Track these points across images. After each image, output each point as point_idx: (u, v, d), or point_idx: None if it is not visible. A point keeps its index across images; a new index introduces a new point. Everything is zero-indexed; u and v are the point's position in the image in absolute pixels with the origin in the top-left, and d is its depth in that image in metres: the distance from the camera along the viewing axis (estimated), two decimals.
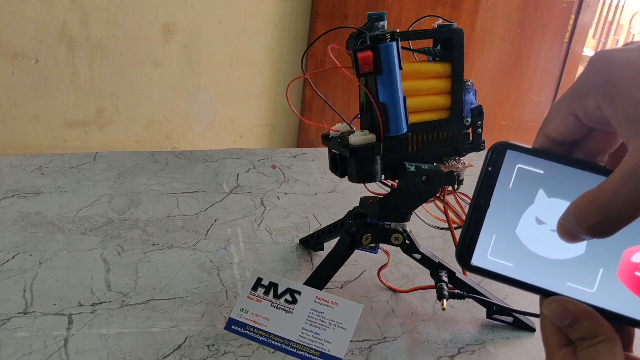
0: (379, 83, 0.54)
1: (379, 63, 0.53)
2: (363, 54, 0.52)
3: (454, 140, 0.60)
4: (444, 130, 0.59)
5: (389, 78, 0.53)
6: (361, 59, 0.52)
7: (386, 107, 0.55)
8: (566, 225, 0.29)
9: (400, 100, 0.55)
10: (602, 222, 0.27)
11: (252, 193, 0.89)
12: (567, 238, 0.29)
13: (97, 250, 0.71)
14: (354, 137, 0.55)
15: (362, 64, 0.52)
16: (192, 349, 0.57)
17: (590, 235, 0.28)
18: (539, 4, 2.24)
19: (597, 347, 0.29)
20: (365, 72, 0.52)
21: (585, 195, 0.28)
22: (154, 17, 1.94)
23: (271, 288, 0.61)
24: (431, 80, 0.59)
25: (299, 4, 2.06)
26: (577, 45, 2.37)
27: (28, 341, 0.55)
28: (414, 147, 0.58)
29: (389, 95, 0.54)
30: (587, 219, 0.27)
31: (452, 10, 2.15)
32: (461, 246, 0.33)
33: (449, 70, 0.59)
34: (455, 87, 0.59)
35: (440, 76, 0.59)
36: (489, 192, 0.32)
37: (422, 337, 0.62)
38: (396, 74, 0.54)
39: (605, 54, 0.28)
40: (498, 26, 2.24)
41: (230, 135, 2.20)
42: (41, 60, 1.89)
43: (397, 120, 0.55)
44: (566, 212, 0.29)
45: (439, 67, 0.59)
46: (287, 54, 2.13)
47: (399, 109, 0.55)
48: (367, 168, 0.55)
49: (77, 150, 2.05)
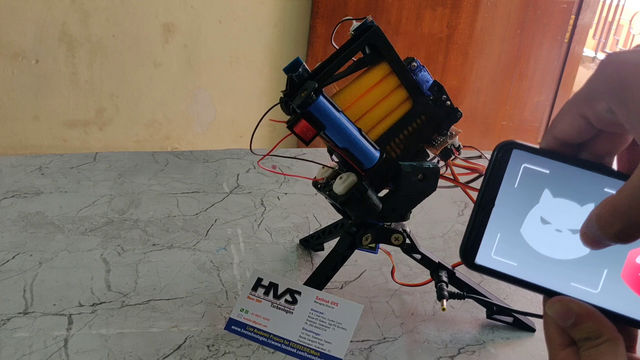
0: (329, 135, 0.54)
1: (317, 122, 0.52)
2: (298, 126, 0.51)
3: (430, 122, 0.59)
4: (415, 119, 0.58)
5: (335, 127, 0.53)
6: (300, 132, 0.51)
7: (348, 150, 0.55)
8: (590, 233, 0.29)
9: (357, 138, 0.54)
10: (626, 229, 0.27)
11: (252, 193, 0.89)
12: (593, 245, 0.29)
13: (97, 251, 0.71)
14: (337, 187, 0.56)
15: (303, 135, 0.51)
16: (192, 349, 0.57)
17: (617, 242, 0.28)
18: (539, 4, 2.24)
19: (600, 347, 0.29)
20: (310, 138, 0.52)
21: (606, 203, 0.28)
22: (154, 17, 1.94)
23: (271, 288, 0.61)
24: (377, 88, 0.57)
25: (299, 4, 2.06)
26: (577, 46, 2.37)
27: (28, 341, 0.55)
28: (396, 152, 0.58)
29: (343, 139, 0.54)
30: (611, 227, 0.27)
31: (452, 10, 2.15)
32: (465, 245, 0.33)
33: (388, 67, 0.57)
34: (403, 78, 0.57)
35: (384, 77, 0.57)
36: (494, 191, 0.32)
37: (422, 338, 0.62)
38: (338, 119, 0.53)
39: (616, 57, 0.28)
40: (498, 26, 2.24)
41: (230, 135, 2.20)
42: (41, 60, 1.89)
43: (365, 154, 0.55)
44: (588, 220, 0.29)
45: (376, 72, 0.57)
46: (287, 54, 2.13)
47: (361, 144, 0.55)
48: (365, 206, 0.56)
49: (77, 150, 2.05)
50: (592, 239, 0.29)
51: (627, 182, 0.27)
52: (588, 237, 0.29)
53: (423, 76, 0.59)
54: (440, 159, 0.60)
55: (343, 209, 0.59)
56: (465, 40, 2.22)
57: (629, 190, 0.27)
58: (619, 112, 0.27)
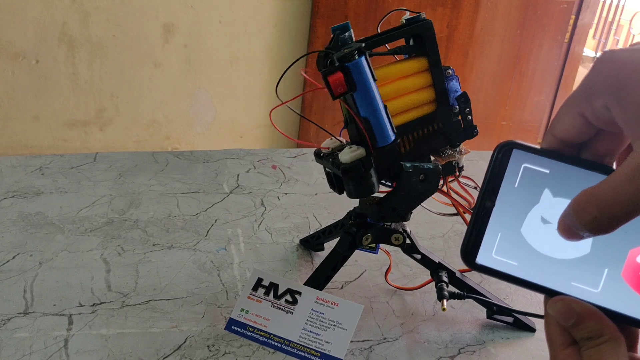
0: (356, 99, 0.53)
1: (351, 81, 0.51)
2: (333, 77, 0.51)
3: (445, 131, 0.59)
4: (433, 124, 0.59)
5: (365, 93, 0.52)
6: (333, 83, 0.50)
7: (369, 121, 0.54)
8: (566, 221, 0.29)
9: (381, 111, 0.54)
10: (601, 218, 0.27)
11: (253, 193, 0.89)
12: (566, 234, 0.29)
13: (97, 251, 0.71)
14: (343, 156, 0.54)
15: (334, 87, 0.51)
16: (192, 350, 0.57)
17: (588, 231, 0.28)
18: (539, 4, 2.24)
19: (602, 346, 0.29)
20: (340, 93, 0.51)
21: (586, 191, 0.28)
22: (154, 17, 1.94)
23: (271, 288, 0.61)
24: (410, 79, 0.58)
25: (299, 4, 2.06)
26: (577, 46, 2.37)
27: (28, 341, 0.55)
28: (406, 148, 0.58)
29: (368, 109, 0.53)
30: (586, 214, 0.27)
31: (452, 10, 2.15)
32: (466, 245, 0.33)
33: (426, 64, 0.58)
34: (436, 79, 0.58)
35: (419, 72, 0.58)
36: (495, 191, 0.32)
37: (423, 338, 0.62)
38: (371, 87, 0.52)
39: (612, 54, 0.28)
40: (498, 26, 2.24)
41: (230, 135, 2.20)
42: (41, 60, 1.89)
43: (382, 131, 0.55)
44: (567, 208, 0.29)
45: (415, 63, 0.58)
46: (287, 54, 2.13)
47: (382, 120, 0.54)
48: (363, 183, 0.55)
49: (77, 151, 2.05)
50: (566, 227, 0.29)
51: (612, 174, 0.27)
52: (563, 225, 0.29)
53: (453, 85, 0.59)
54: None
55: (337, 182, 0.57)
56: (465, 40, 2.22)
57: (612, 181, 0.27)
58: (614, 109, 0.27)
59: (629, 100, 0.26)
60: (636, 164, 0.26)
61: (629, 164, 0.26)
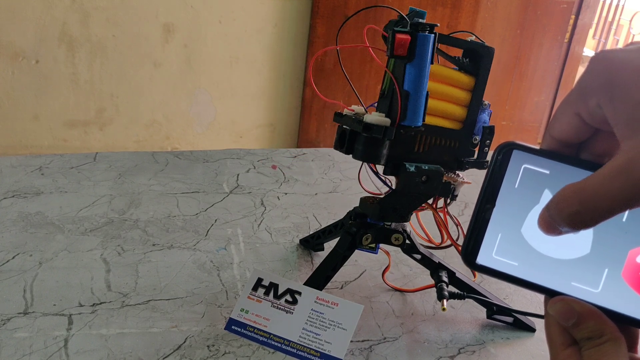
0: (407, 70, 0.54)
1: (413, 50, 0.53)
2: (401, 36, 0.53)
3: (459, 153, 0.60)
4: (452, 140, 0.60)
5: (419, 67, 0.54)
6: (398, 41, 0.53)
7: (408, 95, 0.55)
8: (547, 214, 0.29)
9: (423, 92, 0.55)
10: (583, 212, 0.27)
11: (252, 193, 0.89)
12: (545, 228, 0.29)
13: (97, 251, 0.71)
14: (369, 116, 0.55)
15: (397, 45, 0.53)
16: (192, 349, 0.56)
17: (568, 225, 0.28)
18: (539, 4, 2.24)
19: (602, 347, 0.29)
20: (398, 54, 0.53)
21: (570, 186, 0.28)
22: (154, 17, 1.94)
23: (271, 288, 0.61)
24: (454, 89, 0.59)
25: (299, 4, 2.06)
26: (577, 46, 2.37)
27: (28, 341, 0.55)
28: (420, 148, 0.58)
29: (414, 84, 0.54)
30: (568, 207, 0.28)
31: (452, 10, 2.15)
32: (467, 245, 0.33)
33: (472, 84, 0.59)
34: (473, 102, 0.60)
35: (463, 87, 0.59)
36: (495, 191, 0.32)
37: (422, 338, 0.62)
38: (426, 66, 0.54)
39: (606, 54, 0.28)
40: (498, 26, 2.24)
41: (230, 135, 2.20)
42: (41, 60, 1.89)
43: (415, 110, 0.55)
44: (549, 202, 0.29)
45: (464, 78, 0.59)
46: (287, 54, 2.13)
47: (421, 100, 0.55)
48: (375, 148, 0.56)
49: (77, 151, 2.05)
50: (546, 221, 0.29)
51: (597, 171, 0.27)
52: (543, 218, 0.29)
53: (483, 117, 0.60)
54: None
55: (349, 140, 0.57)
56: None
57: (597, 177, 0.27)
58: (606, 108, 0.28)
59: (619, 99, 0.27)
60: (622, 162, 0.26)
61: (615, 161, 0.27)
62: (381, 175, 0.61)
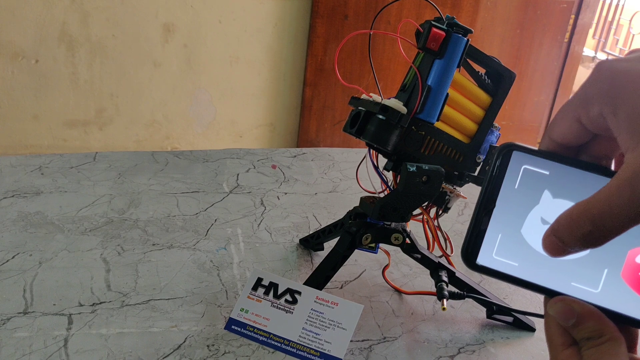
0: (434, 66, 0.56)
1: (445, 47, 0.56)
2: (437, 31, 0.55)
3: (461, 167, 0.61)
4: (458, 152, 0.60)
5: (446, 65, 0.56)
6: (433, 34, 0.55)
7: (430, 90, 0.57)
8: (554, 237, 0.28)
9: (444, 91, 0.57)
10: (595, 232, 0.27)
11: (252, 193, 0.89)
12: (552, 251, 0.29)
13: (97, 250, 0.71)
14: (387, 101, 0.57)
15: (432, 39, 0.55)
16: (192, 349, 0.57)
17: (580, 246, 0.28)
18: (539, 4, 2.24)
19: (602, 347, 0.29)
20: (429, 48, 0.56)
21: (579, 205, 0.28)
22: (154, 17, 1.94)
23: (271, 288, 0.61)
24: (471, 102, 0.60)
25: (299, 4, 2.06)
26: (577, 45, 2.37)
27: (28, 341, 0.55)
28: (426, 150, 0.59)
29: (438, 80, 0.56)
30: (580, 228, 0.27)
31: (452, 10, 2.15)
32: (467, 245, 0.33)
33: (489, 103, 0.61)
34: (485, 121, 0.61)
35: (479, 104, 0.61)
36: (495, 192, 0.32)
37: (422, 337, 0.62)
38: (453, 66, 0.56)
39: (610, 64, 0.28)
40: (498, 26, 2.24)
41: (230, 135, 2.20)
42: (41, 60, 1.89)
43: (434, 105, 0.57)
44: (555, 224, 0.28)
45: (482, 95, 0.61)
46: (287, 54, 2.13)
47: (440, 96, 0.57)
48: (386, 132, 0.57)
49: (77, 150, 2.05)
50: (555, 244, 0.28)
51: (604, 187, 0.27)
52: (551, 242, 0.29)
53: (491, 138, 0.62)
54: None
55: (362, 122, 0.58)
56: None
57: (605, 194, 0.27)
58: (609, 118, 0.28)
59: (623, 111, 0.27)
60: (627, 176, 0.26)
61: (621, 177, 0.26)
62: (380, 170, 0.61)
